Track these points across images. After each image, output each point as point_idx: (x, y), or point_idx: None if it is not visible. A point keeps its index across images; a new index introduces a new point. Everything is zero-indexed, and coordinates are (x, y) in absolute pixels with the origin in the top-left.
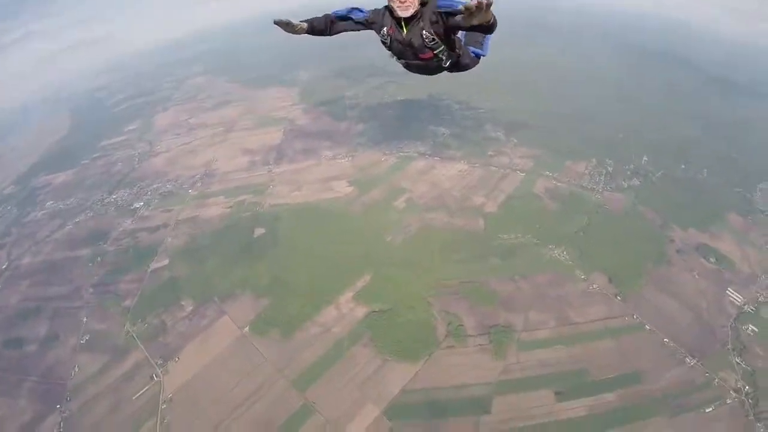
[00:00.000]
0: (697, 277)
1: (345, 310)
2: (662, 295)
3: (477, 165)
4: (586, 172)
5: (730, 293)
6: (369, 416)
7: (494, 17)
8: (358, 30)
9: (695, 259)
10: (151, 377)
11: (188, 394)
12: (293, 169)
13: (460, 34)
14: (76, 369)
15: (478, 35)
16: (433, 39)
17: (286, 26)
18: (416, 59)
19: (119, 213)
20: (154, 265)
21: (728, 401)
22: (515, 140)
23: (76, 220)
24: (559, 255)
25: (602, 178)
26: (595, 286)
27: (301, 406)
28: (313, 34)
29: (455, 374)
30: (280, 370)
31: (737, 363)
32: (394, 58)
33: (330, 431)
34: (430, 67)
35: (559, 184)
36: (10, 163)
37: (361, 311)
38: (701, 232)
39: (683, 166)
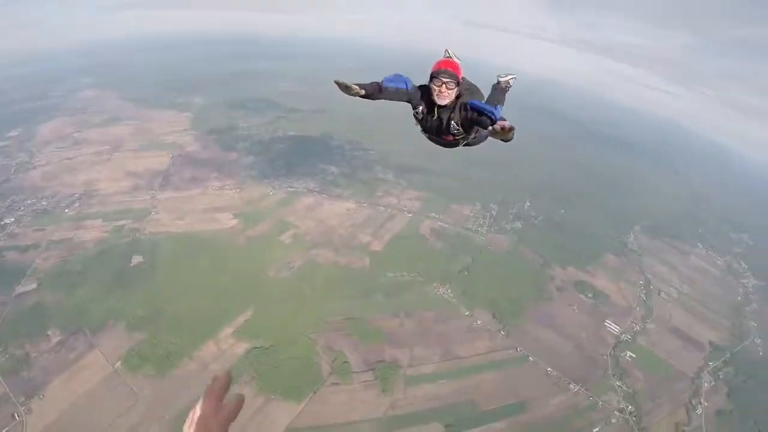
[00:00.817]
0: (576, 311)
1: (225, 346)
2: (544, 328)
3: (365, 204)
4: (471, 214)
5: (608, 324)
6: None
7: (513, 135)
8: (398, 100)
9: (574, 295)
10: (13, 416)
11: None
12: (178, 197)
13: None
14: None
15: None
16: (459, 129)
17: (346, 89)
18: (439, 138)
19: None
20: (20, 289)
21: (613, 420)
22: (404, 182)
23: None
24: (443, 293)
25: (486, 220)
26: (479, 321)
27: None
28: (364, 98)
29: (342, 411)
30: (156, 409)
31: (618, 386)
32: (419, 127)
33: None
34: (448, 145)
35: (444, 225)
36: None
37: (241, 347)
38: (579, 270)
39: (563, 211)
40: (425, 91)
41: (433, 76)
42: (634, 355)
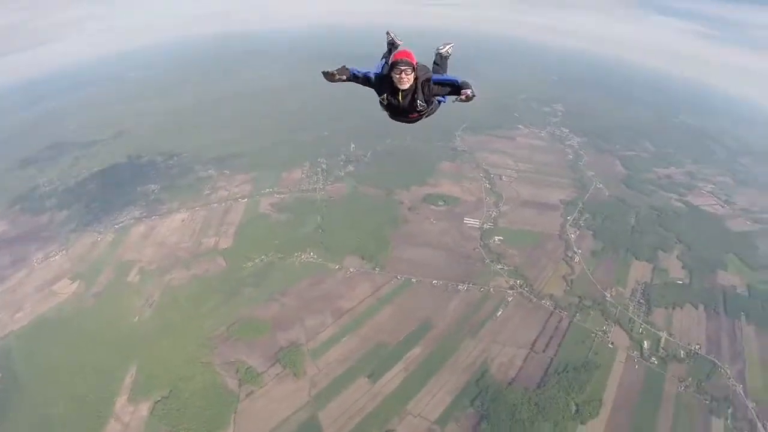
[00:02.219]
0: (434, 222)
1: (127, 417)
2: (413, 248)
3: (198, 208)
4: (304, 176)
5: (467, 221)
6: None
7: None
8: (364, 86)
9: (427, 209)
10: None
11: None
12: (5, 290)
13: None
14: None
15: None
16: (424, 105)
17: (330, 76)
18: (405, 118)
19: None
20: None
21: (509, 299)
22: (227, 172)
23: None
24: (307, 258)
25: (319, 176)
26: (351, 269)
27: None
28: (345, 82)
29: (270, 415)
30: None
31: (500, 269)
32: (385, 113)
33: None
34: (412, 121)
35: (282, 195)
36: None
37: (144, 409)
38: (422, 186)
39: (388, 141)
40: (386, 80)
41: (392, 67)
42: (501, 237)
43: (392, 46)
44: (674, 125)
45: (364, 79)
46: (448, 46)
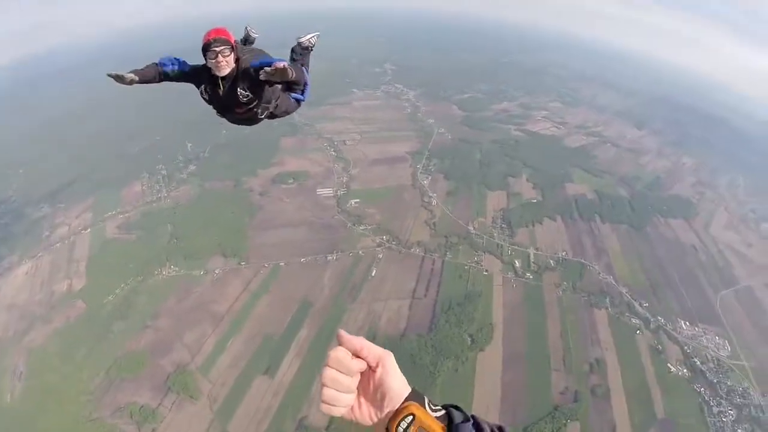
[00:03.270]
0: (288, 201)
1: None
2: (273, 232)
3: (40, 254)
4: (145, 187)
5: (320, 192)
6: None
7: (293, 73)
8: (181, 82)
9: (278, 190)
10: None
11: None
12: None
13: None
14: None
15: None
16: (248, 95)
17: (119, 78)
18: (233, 114)
19: None
20: None
21: (380, 256)
22: (62, 205)
23: None
24: (168, 272)
25: (161, 184)
26: (217, 271)
27: None
28: (143, 83)
29: None
30: None
31: (362, 230)
32: (215, 112)
33: None
34: (247, 120)
35: (126, 215)
36: None
37: None
38: (268, 168)
39: (224, 132)
40: (206, 68)
41: (205, 50)
42: (357, 200)
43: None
44: (506, 65)
45: (179, 73)
46: (310, 36)
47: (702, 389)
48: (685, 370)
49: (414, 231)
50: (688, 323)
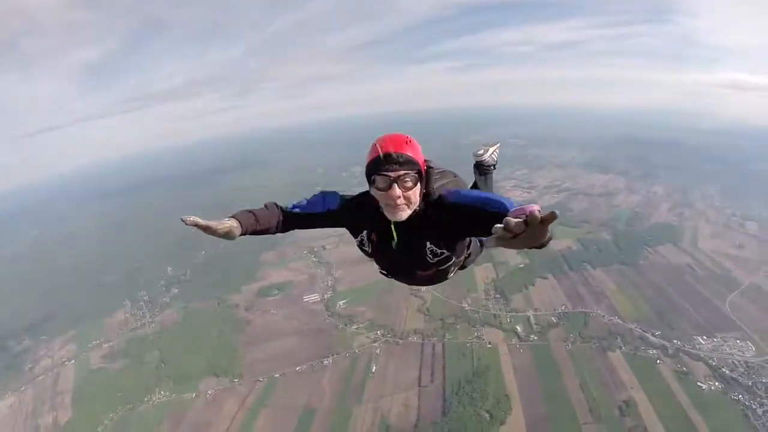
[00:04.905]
0: (275, 312)
1: None
2: (265, 346)
3: (23, 388)
4: (129, 315)
5: (307, 299)
6: None
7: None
8: (321, 227)
9: (265, 303)
10: None
11: None
12: None
13: None
14: None
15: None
16: (442, 252)
17: (205, 229)
18: (410, 276)
19: None
20: None
21: (377, 351)
22: (45, 337)
23: None
24: (158, 399)
25: (145, 310)
26: (210, 392)
27: None
28: (252, 234)
29: None
30: None
31: (355, 329)
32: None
33: None
34: (428, 280)
35: (110, 344)
36: None
37: None
38: (252, 283)
39: (203, 252)
40: (367, 205)
41: (372, 174)
42: (345, 300)
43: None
44: (467, 146)
45: (306, 217)
46: (491, 149)
47: (740, 396)
48: (716, 384)
49: (408, 320)
50: (705, 337)
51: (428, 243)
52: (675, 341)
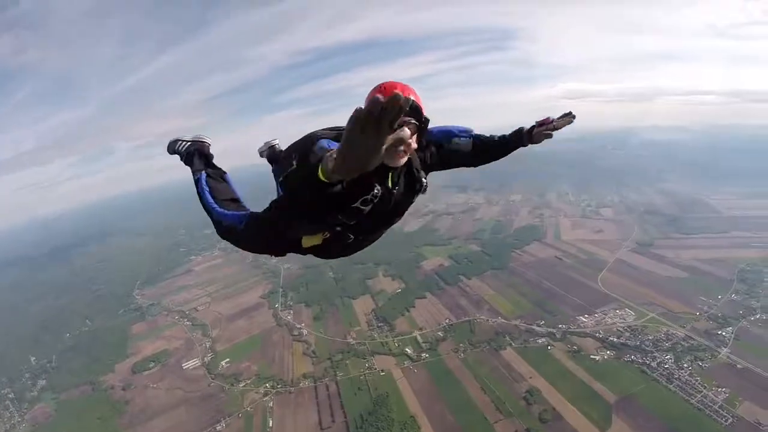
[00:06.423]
0: (155, 386)
1: None
2: (149, 423)
3: None
4: None
5: (187, 365)
6: None
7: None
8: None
9: (141, 378)
10: None
11: None
12: None
13: None
14: None
15: None
16: (426, 181)
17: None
18: (386, 225)
19: None
20: None
21: (271, 405)
22: None
23: None
24: None
25: (12, 409)
26: None
27: None
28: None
29: None
30: None
31: (244, 386)
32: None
33: None
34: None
35: None
36: None
37: None
38: (123, 361)
39: (67, 335)
40: None
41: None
42: (228, 359)
43: (191, 155)
44: None
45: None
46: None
47: (632, 357)
48: (608, 352)
49: (296, 366)
50: (587, 315)
51: (424, 179)
52: (560, 326)
